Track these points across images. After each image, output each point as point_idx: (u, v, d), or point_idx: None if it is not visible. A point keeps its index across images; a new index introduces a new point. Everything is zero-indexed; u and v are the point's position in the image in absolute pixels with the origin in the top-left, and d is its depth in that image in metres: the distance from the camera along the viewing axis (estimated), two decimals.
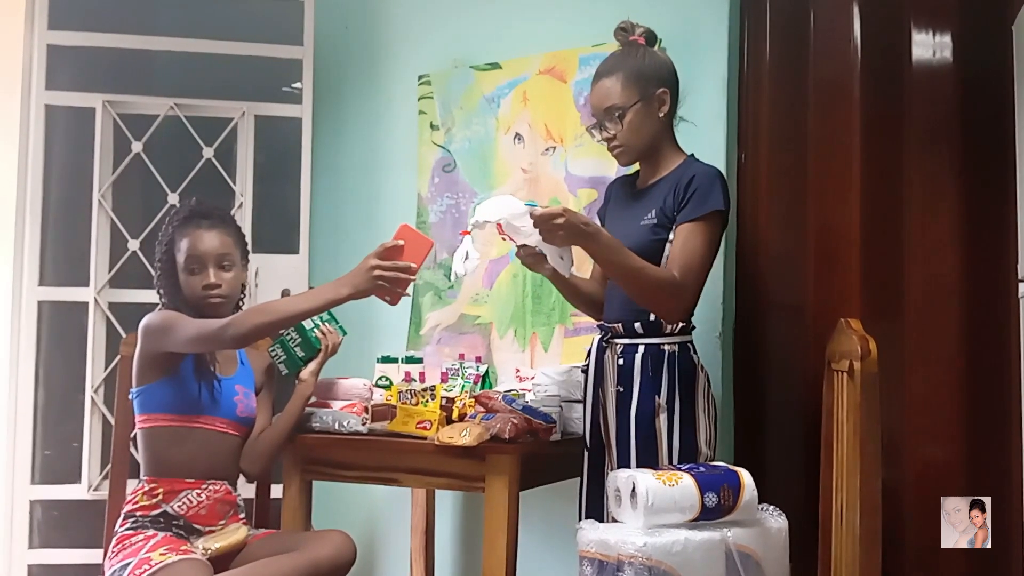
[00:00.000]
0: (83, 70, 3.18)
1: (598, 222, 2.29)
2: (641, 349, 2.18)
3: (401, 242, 2.14)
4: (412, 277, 2.13)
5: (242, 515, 2.33)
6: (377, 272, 2.10)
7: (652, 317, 2.18)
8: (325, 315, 2.41)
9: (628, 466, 2.12)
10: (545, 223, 2.03)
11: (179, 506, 2.22)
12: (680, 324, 2.19)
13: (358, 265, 2.12)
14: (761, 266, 2.62)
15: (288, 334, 2.36)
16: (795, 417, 2.49)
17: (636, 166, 2.35)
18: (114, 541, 2.21)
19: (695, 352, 2.22)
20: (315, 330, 2.36)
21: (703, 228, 2.14)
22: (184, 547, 2.14)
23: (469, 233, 2.17)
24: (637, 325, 2.19)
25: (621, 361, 2.20)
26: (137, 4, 3.25)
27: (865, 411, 1.91)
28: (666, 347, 2.18)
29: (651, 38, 2.28)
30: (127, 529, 2.21)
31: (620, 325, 2.22)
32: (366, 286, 2.11)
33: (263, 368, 2.46)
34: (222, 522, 2.27)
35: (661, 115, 2.23)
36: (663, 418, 2.14)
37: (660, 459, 2.13)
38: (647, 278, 2.10)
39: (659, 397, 2.15)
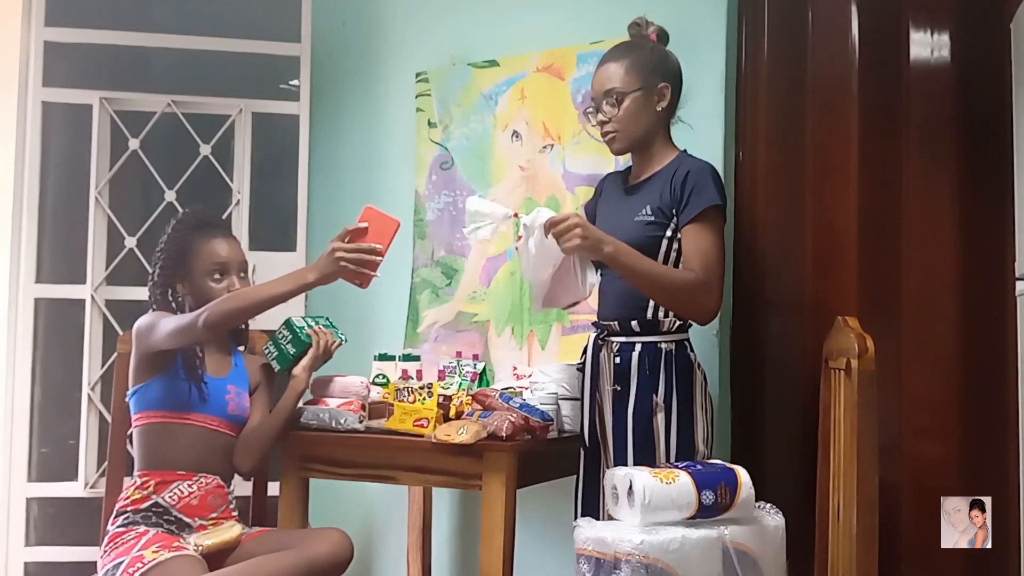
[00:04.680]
0: (80, 67, 3.16)
1: (587, 217, 2.28)
2: (638, 347, 2.18)
3: (365, 224, 2.15)
4: (378, 258, 2.13)
5: (235, 512, 2.33)
6: (339, 255, 2.11)
7: (649, 315, 2.18)
8: (325, 322, 2.43)
9: (625, 464, 2.12)
10: (560, 229, 2.03)
11: (170, 497, 2.23)
12: (677, 322, 2.18)
13: (324, 250, 2.14)
14: (759, 264, 2.62)
15: (279, 332, 2.37)
16: (792, 415, 2.49)
17: (627, 159, 2.35)
18: (106, 539, 2.22)
19: (692, 350, 2.22)
20: (305, 328, 2.37)
21: (708, 225, 2.14)
22: (176, 543, 2.15)
23: (517, 216, 2.13)
24: (634, 323, 2.19)
25: (618, 359, 2.20)
26: (134, 1, 3.23)
27: (862, 409, 1.91)
28: (663, 345, 2.18)
29: (663, 36, 2.29)
30: (118, 527, 2.21)
31: (616, 323, 2.22)
32: (330, 269, 2.12)
33: (258, 367, 2.46)
34: (214, 515, 2.27)
35: (659, 109, 2.23)
36: (660, 417, 2.14)
37: (657, 457, 2.13)
38: (676, 281, 2.11)
39: (656, 396, 2.15)
